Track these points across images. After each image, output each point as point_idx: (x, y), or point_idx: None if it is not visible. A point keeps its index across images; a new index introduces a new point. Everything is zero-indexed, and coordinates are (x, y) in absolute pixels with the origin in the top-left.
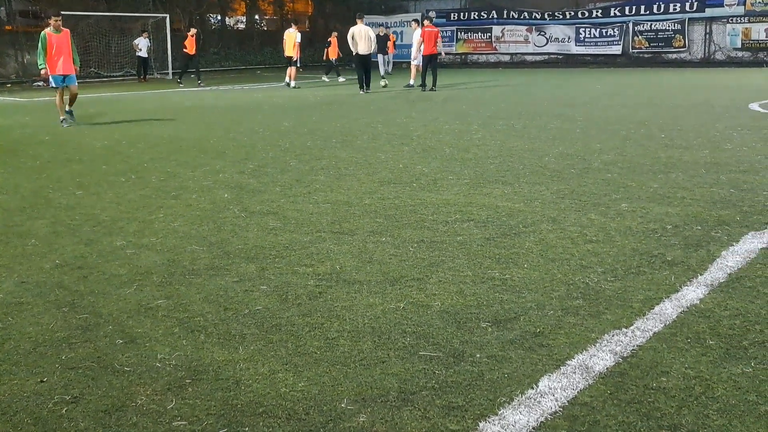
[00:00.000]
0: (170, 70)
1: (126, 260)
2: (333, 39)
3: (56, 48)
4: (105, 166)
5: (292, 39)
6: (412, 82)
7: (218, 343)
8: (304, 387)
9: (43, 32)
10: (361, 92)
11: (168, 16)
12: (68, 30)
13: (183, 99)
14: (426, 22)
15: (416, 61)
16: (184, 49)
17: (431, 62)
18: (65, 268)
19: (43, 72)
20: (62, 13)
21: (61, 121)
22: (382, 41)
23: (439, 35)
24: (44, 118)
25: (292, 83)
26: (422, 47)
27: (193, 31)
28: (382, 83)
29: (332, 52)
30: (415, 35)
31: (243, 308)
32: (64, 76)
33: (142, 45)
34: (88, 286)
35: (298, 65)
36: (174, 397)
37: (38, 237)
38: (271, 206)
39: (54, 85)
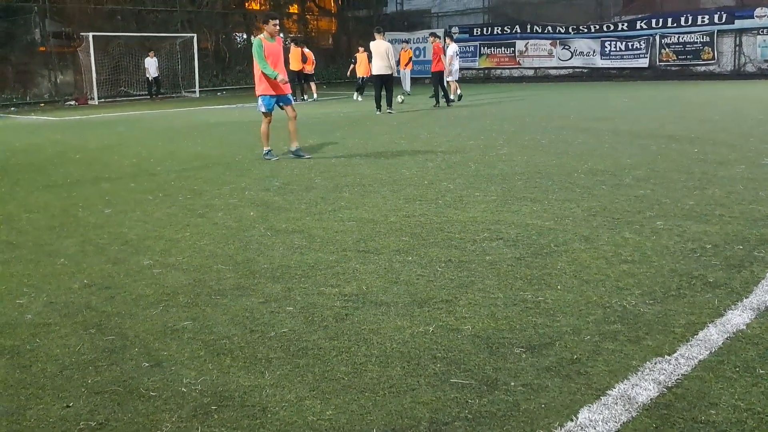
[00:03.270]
0: (197, 89)
1: (153, 280)
2: (360, 56)
3: (271, 60)
4: (133, 184)
5: (310, 57)
6: (452, 96)
7: (244, 367)
8: (332, 415)
9: (257, 39)
10: (378, 113)
11: (195, 35)
12: (281, 38)
13: (208, 116)
14: (431, 39)
15: (451, 77)
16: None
17: (440, 79)
18: (93, 288)
19: (281, 78)
20: (92, 34)
21: (265, 154)
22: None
23: (442, 52)
24: (75, 136)
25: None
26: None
27: (299, 48)
28: (399, 99)
29: (360, 70)
30: (449, 50)
31: (269, 330)
32: (279, 97)
33: (150, 65)
34: (115, 306)
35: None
36: (199, 424)
37: (67, 256)
38: (296, 224)
39: (264, 110)
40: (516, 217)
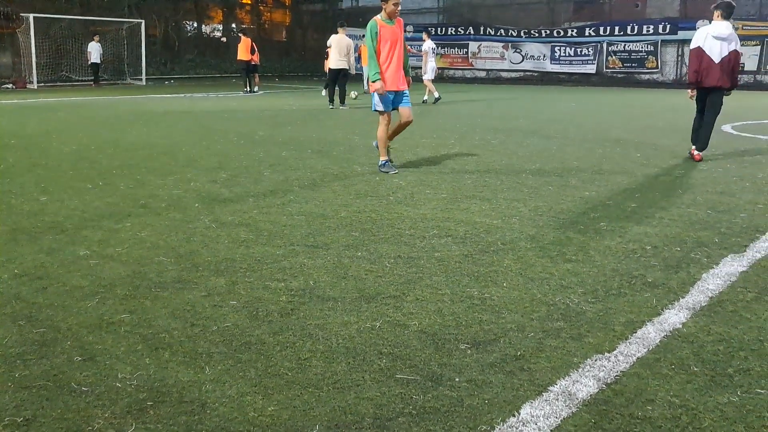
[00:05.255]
0: (143, 76)
1: (89, 271)
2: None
3: (388, 48)
4: (72, 172)
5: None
6: (426, 97)
7: (183, 362)
8: (274, 411)
9: (372, 21)
10: (331, 107)
11: (143, 21)
12: (402, 20)
13: (156, 105)
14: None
15: (426, 76)
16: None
17: None
18: (24, 279)
19: (378, 86)
20: (33, 15)
21: (382, 165)
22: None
23: (409, 49)
24: (11, 121)
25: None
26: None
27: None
28: (353, 95)
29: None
30: (423, 47)
31: (211, 325)
32: (396, 93)
33: (93, 50)
34: (47, 298)
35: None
36: (134, 420)
37: None
38: (243, 217)
39: (381, 108)
40: (465, 214)
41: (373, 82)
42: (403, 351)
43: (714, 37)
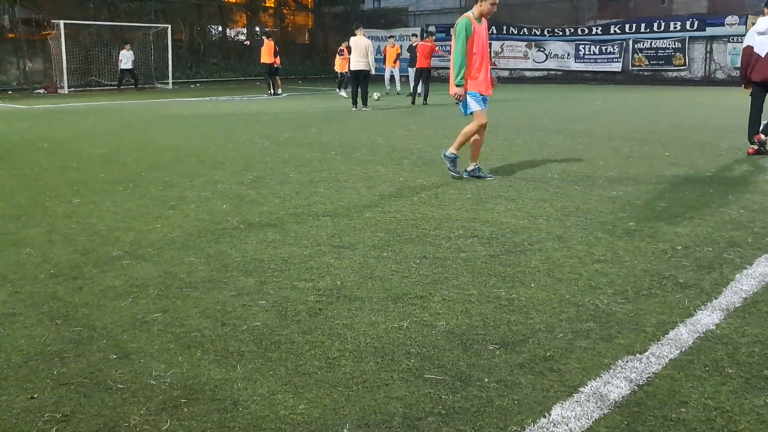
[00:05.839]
0: (170, 80)
1: (122, 271)
2: (344, 49)
3: (481, 50)
4: (102, 174)
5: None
6: None
7: (215, 360)
8: (305, 409)
9: (466, 18)
10: (353, 109)
11: (169, 26)
12: (486, 21)
13: (182, 109)
14: (421, 36)
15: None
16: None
17: (423, 76)
18: (60, 279)
19: (459, 91)
20: (63, 21)
21: (451, 158)
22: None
23: (437, 50)
24: (43, 125)
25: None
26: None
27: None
28: (375, 96)
29: (342, 65)
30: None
31: (241, 324)
32: (484, 98)
33: (125, 57)
34: (82, 297)
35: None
36: (168, 417)
37: (33, 246)
38: (270, 218)
39: (471, 110)
40: (490, 215)
41: (458, 86)
42: (431, 351)
43: (758, 33)
